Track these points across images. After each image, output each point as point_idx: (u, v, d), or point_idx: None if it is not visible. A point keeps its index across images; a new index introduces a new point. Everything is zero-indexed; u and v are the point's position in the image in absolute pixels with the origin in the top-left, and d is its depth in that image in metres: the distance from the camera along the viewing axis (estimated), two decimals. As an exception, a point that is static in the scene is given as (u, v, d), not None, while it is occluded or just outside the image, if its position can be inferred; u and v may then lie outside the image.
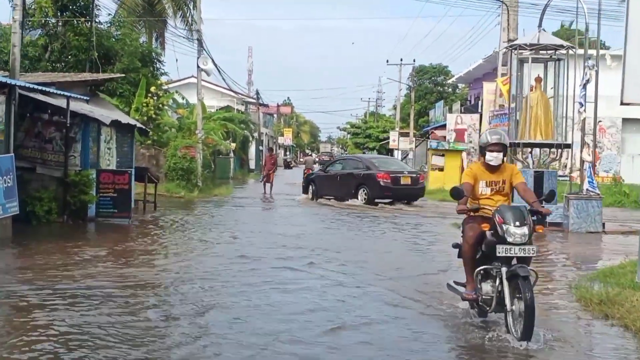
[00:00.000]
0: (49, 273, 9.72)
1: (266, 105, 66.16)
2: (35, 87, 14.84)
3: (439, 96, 73.32)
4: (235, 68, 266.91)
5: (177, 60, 30.14)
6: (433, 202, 26.15)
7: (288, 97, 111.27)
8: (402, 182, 24.16)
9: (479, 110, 46.22)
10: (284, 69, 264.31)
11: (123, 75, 20.19)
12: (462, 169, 35.72)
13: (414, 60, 65.41)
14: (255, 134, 55.81)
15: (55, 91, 15.50)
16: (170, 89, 35.34)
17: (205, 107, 35.54)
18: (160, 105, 29.19)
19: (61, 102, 15.39)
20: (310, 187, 26.40)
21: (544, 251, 13.33)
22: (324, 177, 26.23)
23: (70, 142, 15.61)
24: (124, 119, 17.49)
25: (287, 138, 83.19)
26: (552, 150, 18.06)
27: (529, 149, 18.54)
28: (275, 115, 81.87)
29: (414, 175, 25.12)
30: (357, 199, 24.03)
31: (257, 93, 58.17)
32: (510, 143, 18.89)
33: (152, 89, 28.13)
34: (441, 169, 34.05)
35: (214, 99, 50.71)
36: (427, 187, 33.96)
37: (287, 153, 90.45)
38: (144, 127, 18.87)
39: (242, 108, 54.92)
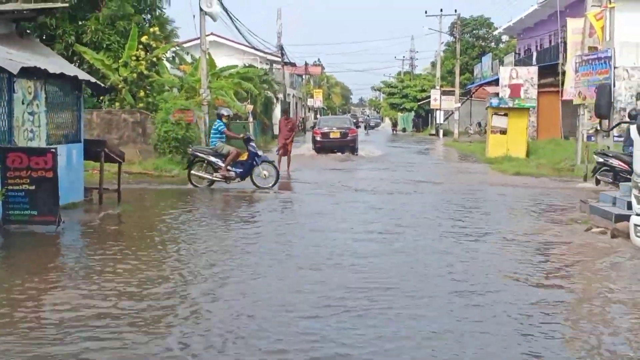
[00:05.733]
0: None
1: (293, 64, 59.27)
2: None
3: (481, 51, 66.32)
4: (263, 32, 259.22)
5: (194, 16, 23.78)
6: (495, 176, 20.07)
7: (318, 59, 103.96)
8: (331, 137, 30.16)
9: (534, 62, 39.98)
10: (314, 31, 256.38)
11: (66, 4, 13.83)
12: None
13: (456, 11, 58.19)
14: (280, 95, 49.35)
15: None
16: (184, 49, 29.53)
17: (214, 62, 29.41)
18: (155, 60, 23.30)
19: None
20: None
21: None
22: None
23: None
24: (58, 67, 11.26)
25: (317, 100, 76.29)
26: None
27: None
28: (304, 77, 74.98)
29: (343, 130, 30.39)
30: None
31: (282, 49, 51.06)
32: None
33: (144, 38, 22.58)
34: (504, 132, 27.58)
35: (234, 56, 44.41)
36: (487, 154, 28.16)
37: (318, 116, 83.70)
38: (96, 82, 12.53)
39: (267, 68, 48.43)
